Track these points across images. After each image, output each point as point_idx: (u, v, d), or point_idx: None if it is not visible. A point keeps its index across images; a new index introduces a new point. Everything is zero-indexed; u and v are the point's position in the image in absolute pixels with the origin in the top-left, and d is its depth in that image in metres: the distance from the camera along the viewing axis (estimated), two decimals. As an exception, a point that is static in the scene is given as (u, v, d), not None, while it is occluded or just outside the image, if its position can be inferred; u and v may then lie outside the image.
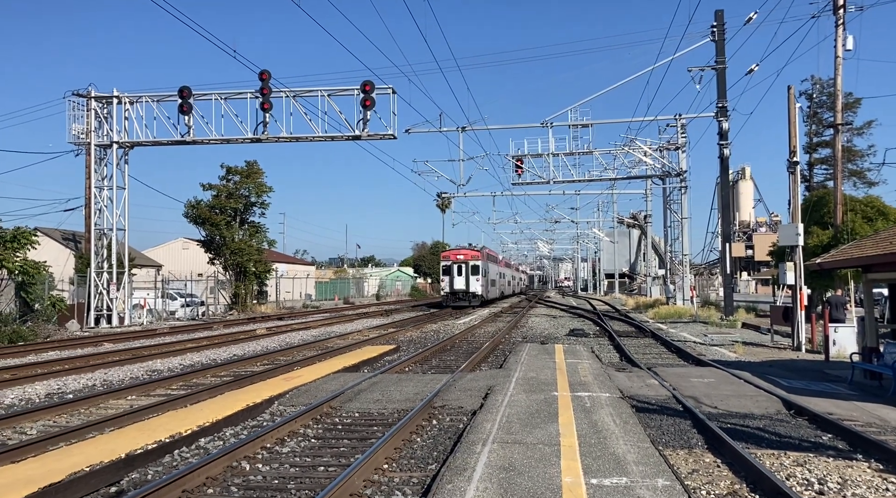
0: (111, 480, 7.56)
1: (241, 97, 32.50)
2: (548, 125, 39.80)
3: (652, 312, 40.17)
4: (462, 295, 48.10)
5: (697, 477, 7.55)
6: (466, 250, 49.83)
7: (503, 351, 20.80)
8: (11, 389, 14.17)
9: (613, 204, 76.11)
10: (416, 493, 7.12)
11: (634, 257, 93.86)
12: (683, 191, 42.61)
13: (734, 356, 19.21)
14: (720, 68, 34.40)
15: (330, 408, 11.46)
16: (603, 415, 9.98)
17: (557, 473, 7.02)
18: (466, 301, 47.79)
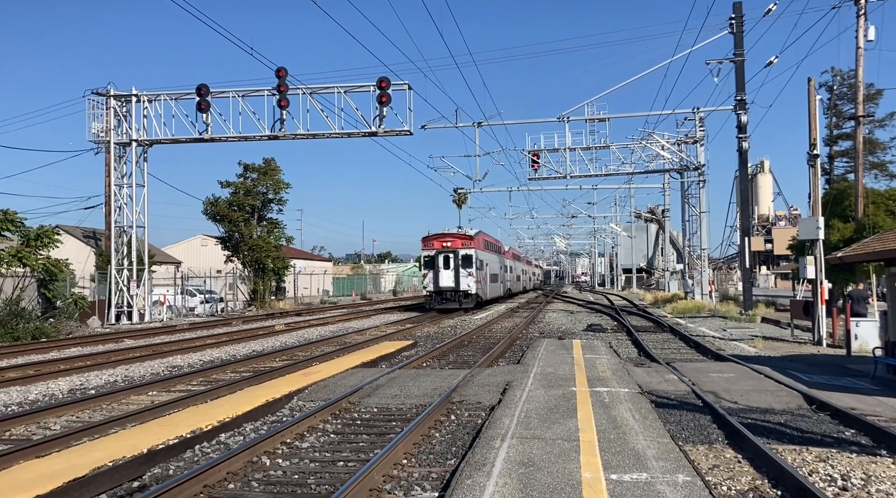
0: (134, 474, 7.65)
1: (259, 94, 32.64)
2: (564, 120, 39.62)
3: (670, 306, 39.92)
4: (450, 295, 37.51)
5: (718, 473, 7.51)
6: (455, 235, 38.70)
7: (520, 346, 20.77)
8: (35, 384, 14.36)
9: (631, 198, 75.63)
10: (435, 488, 7.14)
11: (652, 252, 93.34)
12: (702, 185, 42.25)
13: (754, 351, 19.05)
14: (738, 61, 34.04)
15: (348, 403, 11.51)
16: (622, 410, 9.94)
17: (577, 468, 7.01)
18: (456, 302, 37.44)
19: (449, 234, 38.63)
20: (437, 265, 37.59)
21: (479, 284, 39.12)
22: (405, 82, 31.43)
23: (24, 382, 14.49)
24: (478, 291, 38.48)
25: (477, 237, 40.55)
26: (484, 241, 43.67)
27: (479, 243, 40.83)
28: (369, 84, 31.54)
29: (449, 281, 37.52)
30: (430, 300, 37.87)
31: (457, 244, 37.96)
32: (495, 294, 47.73)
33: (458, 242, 38.09)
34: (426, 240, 38.73)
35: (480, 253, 40.18)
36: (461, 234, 38.87)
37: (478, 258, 38.84)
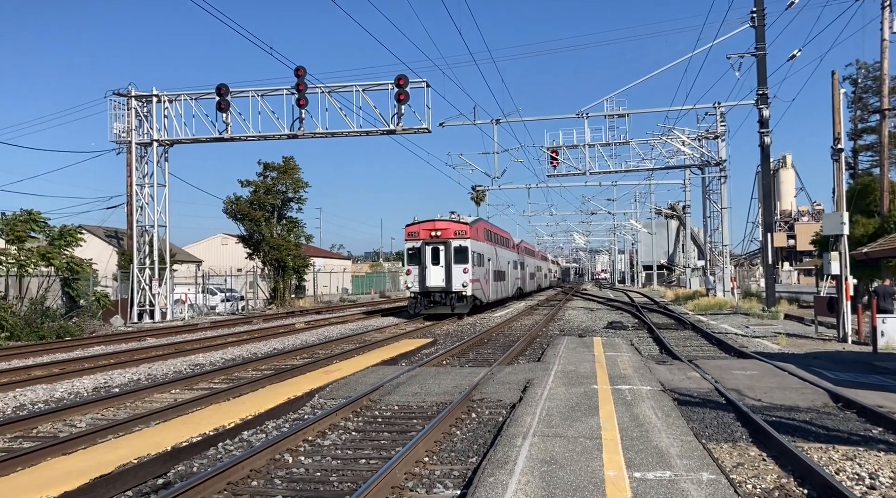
0: (158, 471, 7.71)
1: (278, 94, 32.80)
2: (583, 116, 39.41)
3: (691, 303, 39.62)
4: (439, 297, 30.95)
5: (743, 471, 7.43)
6: (447, 222, 31.86)
7: (540, 344, 20.71)
8: (61, 382, 14.54)
9: (651, 194, 75.26)
10: (457, 485, 7.13)
11: (673, 249, 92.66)
12: (723, 180, 41.87)
13: (777, 348, 18.85)
14: (760, 55, 33.67)
15: (369, 401, 11.54)
16: (644, 408, 9.87)
17: (600, 466, 6.97)
18: (447, 306, 30.96)
19: (439, 221, 31.69)
20: (424, 259, 30.98)
21: (478, 283, 32.88)
22: (423, 80, 31.44)
23: (49, 380, 14.68)
24: (475, 291, 32.02)
25: (476, 226, 34.10)
26: (485, 230, 37.27)
27: (479, 233, 34.43)
28: (387, 82, 31.58)
29: (438, 280, 30.89)
30: (415, 303, 31.43)
31: (448, 233, 31.18)
32: (500, 295, 40.77)
33: (451, 231, 31.27)
34: (410, 228, 31.77)
35: (480, 245, 34.15)
36: (455, 221, 31.98)
37: (476, 251, 32.55)
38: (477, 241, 33.31)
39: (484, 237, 36.15)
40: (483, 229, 36.49)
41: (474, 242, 32.34)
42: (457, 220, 32.17)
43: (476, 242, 32.87)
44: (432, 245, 31.09)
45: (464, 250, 31.14)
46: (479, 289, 33.28)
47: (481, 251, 34.30)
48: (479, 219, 37.33)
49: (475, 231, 33.27)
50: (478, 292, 32.81)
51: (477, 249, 32.90)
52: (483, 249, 34.90)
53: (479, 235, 34.58)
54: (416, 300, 31.44)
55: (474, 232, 32.88)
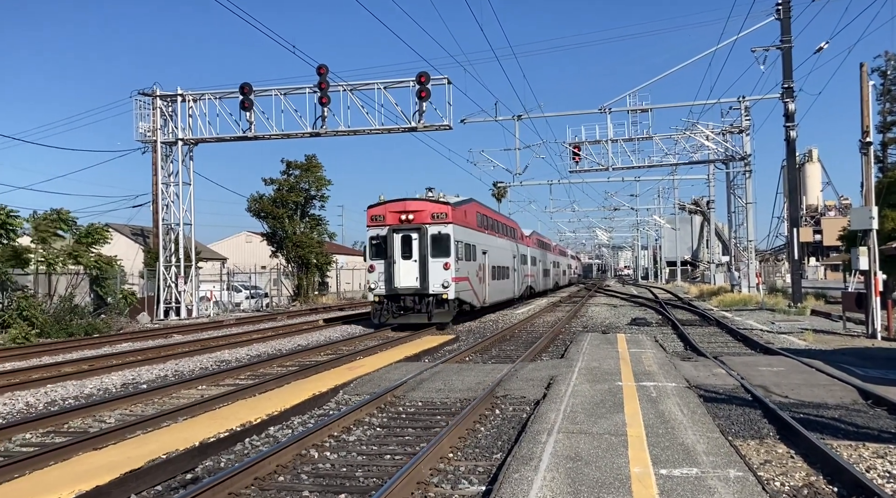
0: (187, 466, 7.82)
1: (300, 92, 32.98)
2: (606, 111, 39.14)
3: (716, 299, 39.26)
4: (413, 301, 24.27)
5: (770, 468, 7.36)
6: (422, 202, 25.17)
7: (563, 341, 20.65)
8: (90, 379, 14.78)
9: (674, 190, 74.45)
10: (482, 482, 7.15)
11: (697, 244, 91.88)
12: (748, 175, 41.40)
13: (804, 344, 18.62)
14: (786, 48, 33.22)
15: (393, 397, 11.59)
16: (669, 405, 9.81)
17: (625, 463, 6.94)
18: (422, 314, 24.12)
19: (412, 201, 24.99)
20: (391, 252, 24.19)
21: (466, 282, 26.15)
22: (444, 77, 31.42)
23: (79, 377, 14.92)
24: (461, 293, 25.28)
25: (462, 208, 26.93)
26: (478, 215, 30.07)
27: (468, 218, 27.59)
28: (409, 79, 31.61)
29: (409, 279, 24.16)
30: (379, 310, 24.20)
31: (423, 216, 24.41)
32: (502, 297, 34.15)
33: (427, 214, 24.49)
34: (374, 210, 25.00)
35: (468, 233, 27.24)
36: (433, 201, 25.19)
37: (462, 241, 25.81)
38: (464, 227, 26.57)
39: (476, 223, 29.24)
40: (474, 213, 29.32)
41: (460, 229, 25.61)
42: (435, 200, 25.24)
43: (463, 230, 26.18)
44: (402, 232, 24.29)
45: (444, 239, 24.33)
46: (468, 290, 26.58)
47: (471, 241, 27.52)
48: (468, 200, 29.01)
49: (461, 215, 26.39)
50: (465, 294, 26.06)
51: (464, 237, 26.21)
52: (473, 239, 28.15)
53: (468, 220, 27.73)
54: (380, 306, 24.12)
55: (460, 216, 26.09)
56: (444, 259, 24.33)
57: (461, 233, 25.91)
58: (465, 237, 26.68)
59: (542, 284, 51.40)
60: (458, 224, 25.59)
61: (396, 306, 24.31)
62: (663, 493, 6.02)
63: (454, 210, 25.30)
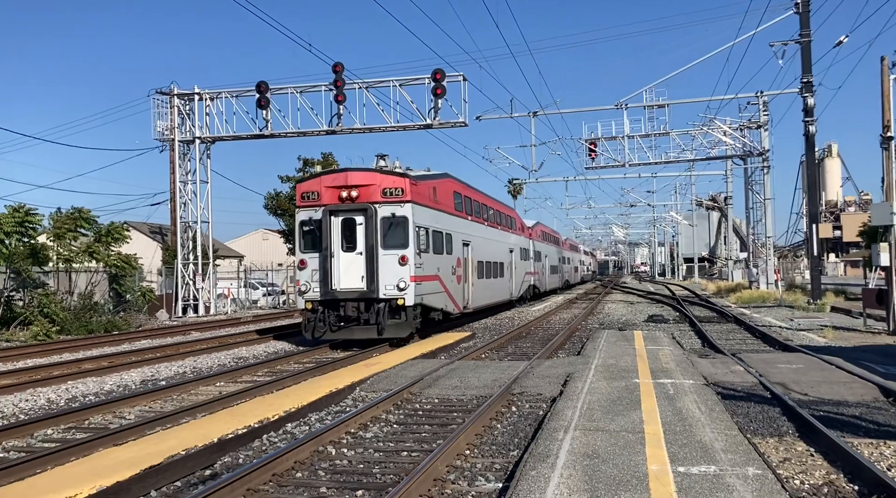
0: (206, 463, 7.88)
1: (316, 90, 33.10)
2: (622, 107, 38.96)
3: (734, 296, 38.97)
4: (358, 308, 18.24)
5: (790, 466, 7.31)
6: (370, 173, 19.10)
7: (580, 338, 20.59)
8: (110, 375, 14.93)
9: (692, 186, 74.01)
10: (499, 478, 7.15)
11: (714, 241, 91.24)
12: (766, 171, 41.06)
13: (823, 341, 18.45)
14: (805, 42, 32.85)
15: (410, 394, 11.61)
16: (687, 402, 9.76)
17: (643, 460, 6.92)
18: (371, 325, 18.08)
19: (355, 173, 18.83)
20: (327, 241, 18.12)
21: (434, 283, 20.16)
22: (460, 74, 31.40)
23: (99, 373, 15.08)
24: (425, 298, 19.26)
25: (429, 184, 20.63)
26: (455, 195, 23.68)
27: (438, 196, 21.32)
28: (424, 76, 31.62)
29: (353, 277, 18.29)
30: (313, 321, 18.09)
31: (372, 193, 18.36)
32: (493, 299, 28.69)
33: (376, 190, 18.40)
34: (306, 186, 19.23)
35: (438, 217, 21.04)
36: (386, 173, 18.93)
37: (426, 227, 19.52)
38: (431, 208, 20.41)
39: (452, 206, 23.08)
40: (449, 193, 22.95)
41: (424, 211, 19.57)
42: (389, 172, 19.01)
43: (429, 212, 20.07)
44: (343, 215, 18.34)
45: (400, 224, 18.39)
46: (438, 292, 20.57)
47: (443, 227, 21.44)
48: (441, 175, 22.74)
49: (427, 192, 20.14)
50: (433, 298, 20.09)
51: (430, 222, 20.11)
52: (448, 225, 22.08)
53: (440, 201, 21.42)
54: (314, 315, 18.03)
55: (425, 193, 19.94)
56: (400, 251, 18.10)
57: (426, 216, 19.78)
58: (434, 222, 20.46)
59: (548, 282, 46.20)
60: (422, 204, 19.46)
61: (336, 316, 17.98)
62: (681, 490, 6.00)
63: (415, 185, 18.95)
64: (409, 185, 18.69)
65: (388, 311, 18.04)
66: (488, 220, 29.04)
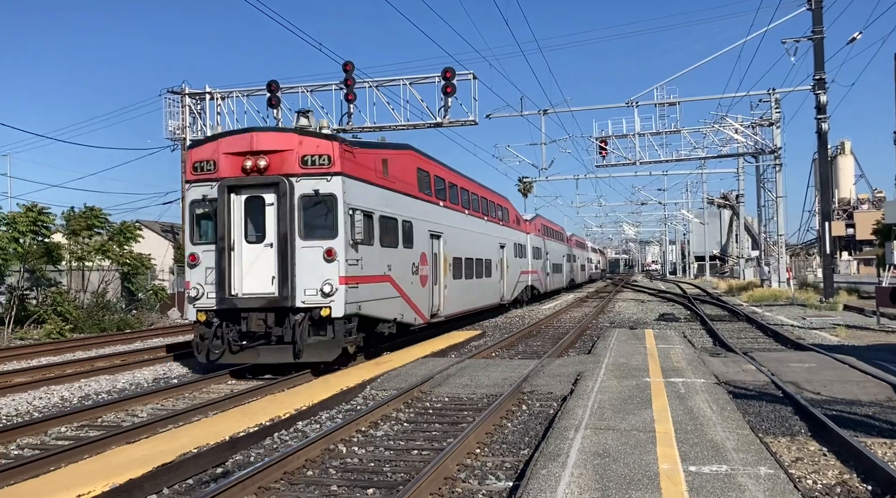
0: (217, 461, 7.93)
1: (327, 89, 33.11)
2: (633, 105, 38.75)
3: (745, 295, 38.78)
4: (266, 322, 13.30)
5: (802, 465, 7.27)
6: (284, 135, 14.11)
7: (591, 336, 20.55)
8: (122, 373, 15.02)
9: (703, 184, 73.71)
10: (509, 477, 7.15)
11: (726, 239, 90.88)
12: (778, 168, 40.78)
13: (836, 340, 18.33)
14: (817, 38, 32.62)
15: (420, 392, 11.63)
16: (698, 401, 9.72)
17: (654, 459, 6.90)
18: (287, 345, 13.12)
19: (266, 134, 14.37)
20: (224, 228, 13.88)
21: (385, 284, 15.89)
22: (470, 72, 31.33)
23: (111, 372, 15.18)
24: (364, 305, 14.49)
25: (370, 153, 15.85)
26: (418, 172, 18.76)
27: (391, 169, 16.67)
28: (434, 75, 31.56)
29: (259, 279, 13.89)
30: (208, 338, 13.75)
31: (287, 161, 13.84)
32: (476, 304, 24.63)
33: (293, 157, 13.85)
34: (199, 151, 14.67)
35: (386, 197, 16.33)
36: (306, 134, 14.29)
37: (367, 209, 14.90)
38: (374, 184, 15.51)
39: (411, 184, 17.94)
40: (411, 168, 18.11)
41: (363, 188, 14.81)
42: (312, 133, 14.41)
43: (371, 189, 15.28)
44: (248, 192, 13.97)
45: (326, 205, 13.78)
46: (385, 298, 15.73)
47: (394, 211, 16.56)
48: (398, 145, 18.12)
49: (367, 163, 15.29)
50: (377, 307, 15.15)
51: (373, 203, 15.25)
52: (401, 209, 17.06)
53: (391, 176, 16.51)
54: (209, 330, 13.74)
55: (365, 164, 15.10)
56: (326, 242, 13.38)
57: (369, 195, 14.92)
58: (382, 205, 15.63)
59: (550, 282, 41.94)
60: (362, 179, 14.57)
61: (238, 332, 13.41)
62: (693, 490, 5.98)
63: (350, 152, 14.09)
64: (340, 151, 13.69)
65: (311, 325, 13.31)
66: (471, 209, 24.49)
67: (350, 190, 14.03)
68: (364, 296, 14.47)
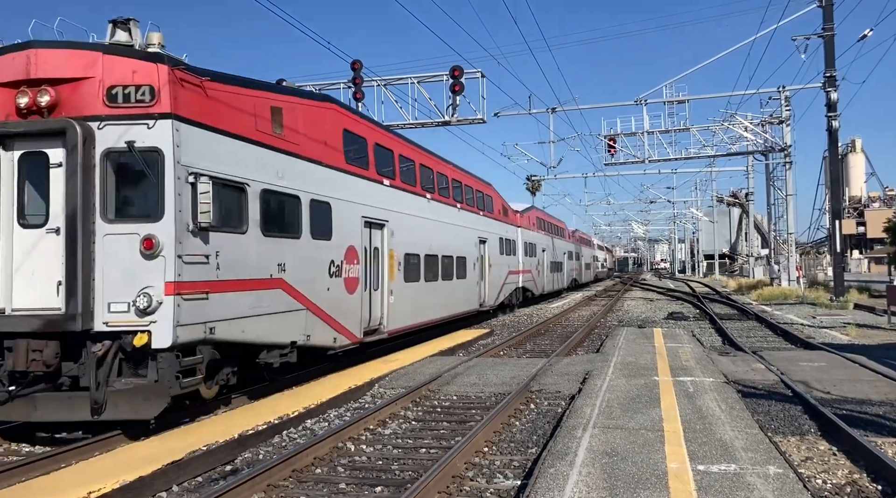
0: (226, 458, 7.96)
1: (335, 88, 33.13)
2: (642, 103, 38.61)
3: (755, 293, 38.61)
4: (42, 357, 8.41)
5: (812, 465, 7.24)
6: (85, 51, 8.95)
7: (599, 335, 20.51)
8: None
9: (712, 182, 73.36)
10: (517, 476, 7.15)
11: (735, 237, 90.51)
12: (788, 166, 40.58)
13: (847, 339, 18.23)
14: (828, 35, 32.41)
15: (428, 391, 11.64)
16: (707, 400, 9.69)
17: (662, 458, 6.88)
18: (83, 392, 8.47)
19: (51, 52, 9.01)
20: None
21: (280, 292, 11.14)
22: (478, 70, 31.29)
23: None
24: (228, 327, 9.73)
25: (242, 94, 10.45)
26: (343, 134, 13.87)
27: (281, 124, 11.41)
28: (442, 73, 31.56)
29: (38, 286, 8.89)
30: None
31: (84, 95, 8.93)
32: (436, 314, 19.82)
33: (92, 87, 8.95)
34: None
35: (278, 165, 11.28)
36: (117, 53, 9.10)
37: (232, 181, 9.98)
38: (244, 139, 10.58)
39: (333, 151, 13.47)
40: (329, 128, 13.38)
41: (215, 141, 9.90)
42: (125, 50, 9.30)
43: (234, 145, 10.32)
44: (22, 146, 9.22)
45: (146, 165, 8.97)
46: (272, 314, 10.98)
47: (297, 186, 11.91)
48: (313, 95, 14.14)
49: (222, 103, 10.09)
50: (244, 328, 10.18)
51: (241, 168, 10.36)
52: (307, 182, 12.29)
53: (280, 131, 11.45)
54: None
55: (217, 104, 9.99)
56: (144, 226, 8.94)
57: (230, 153, 10.16)
58: (261, 171, 10.81)
59: (546, 282, 38.06)
60: (213, 128, 9.85)
61: (2, 371, 8.80)
62: (701, 489, 5.96)
63: (187, 81, 9.44)
64: (170, 78, 9.06)
65: (122, 359, 8.89)
66: (435, 193, 19.87)
67: (191, 143, 9.27)
68: (224, 312, 9.71)
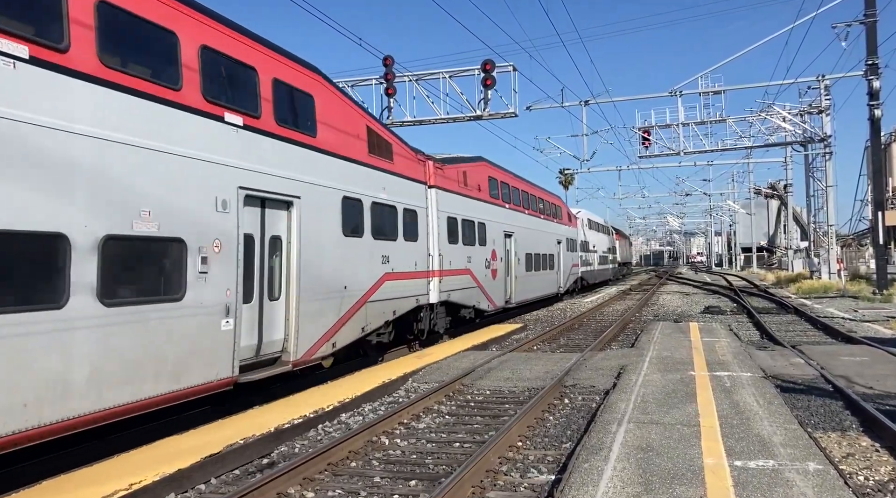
0: (263, 452, 8.07)
1: (367, 84, 33.25)
2: (676, 94, 38.08)
3: (794, 287, 37.89)
4: None
5: (853, 461, 7.10)
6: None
7: (633, 330, 20.33)
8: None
9: (749, 174, 72.03)
10: (551, 471, 7.13)
11: (773, 230, 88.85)
12: (828, 157, 39.72)
13: (890, 333, 17.80)
14: (870, 22, 31.59)
15: (462, 385, 11.66)
16: (745, 395, 9.55)
17: (698, 454, 6.80)
18: None
19: None
20: None
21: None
22: (510, 64, 31.12)
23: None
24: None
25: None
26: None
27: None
28: (474, 68, 31.45)
29: None
30: None
31: None
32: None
33: None
34: None
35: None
36: None
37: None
38: None
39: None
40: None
41: None
42: None
43: None
44: None
45: None
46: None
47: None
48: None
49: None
50: None
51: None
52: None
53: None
54: None
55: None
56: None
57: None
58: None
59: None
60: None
61: None
62: (738, 485, 5.89)
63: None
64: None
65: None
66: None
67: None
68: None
